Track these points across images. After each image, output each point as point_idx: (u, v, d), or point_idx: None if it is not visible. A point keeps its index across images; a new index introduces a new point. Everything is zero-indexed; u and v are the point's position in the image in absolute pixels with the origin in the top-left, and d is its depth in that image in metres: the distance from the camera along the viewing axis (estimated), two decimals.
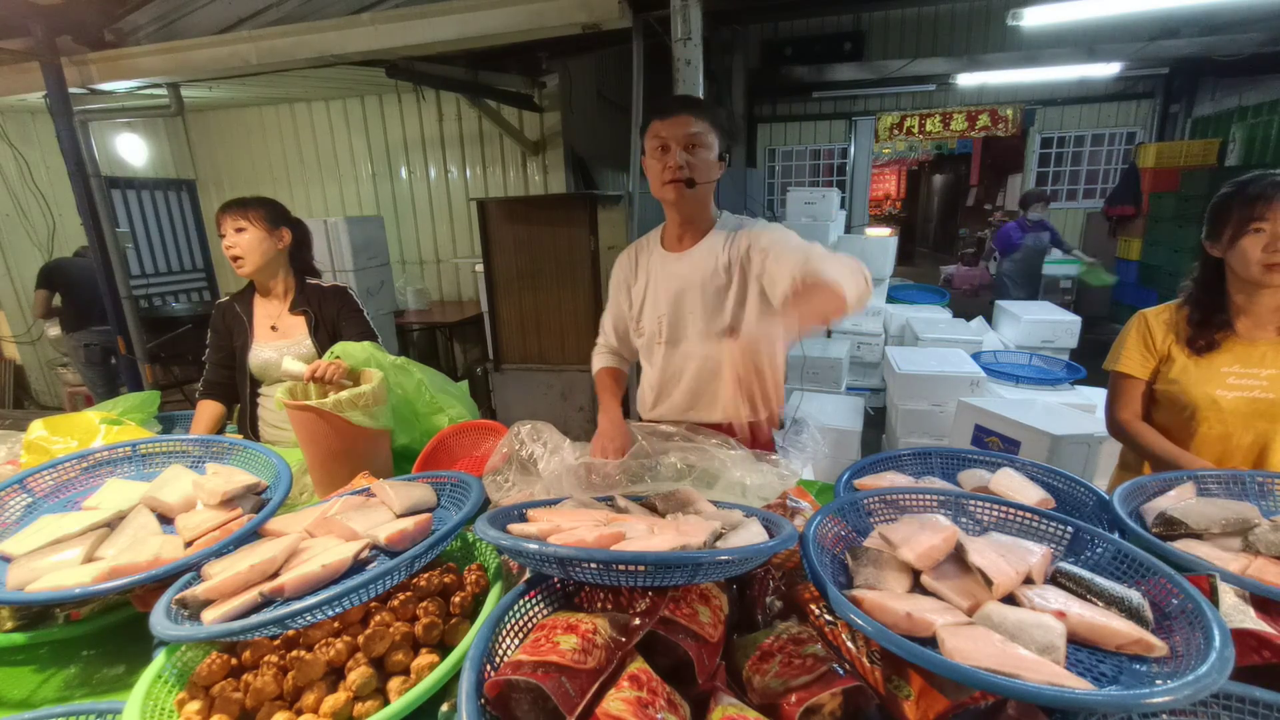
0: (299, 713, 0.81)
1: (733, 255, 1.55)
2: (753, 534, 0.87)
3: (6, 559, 1.04)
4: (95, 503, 1.20)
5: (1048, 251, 5.78)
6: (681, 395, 1.68)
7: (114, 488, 1.24)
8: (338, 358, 1.59)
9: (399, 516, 1.06)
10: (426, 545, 0.93)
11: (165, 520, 1.17)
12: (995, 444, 2.57)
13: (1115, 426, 1.62)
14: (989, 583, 0.78)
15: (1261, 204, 1.33)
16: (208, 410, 1.96)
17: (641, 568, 0.73)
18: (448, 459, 1.65)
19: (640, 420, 1.71)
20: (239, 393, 2.02)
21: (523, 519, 0.99)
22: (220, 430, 2.00)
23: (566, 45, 4.32)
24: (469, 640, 0.82)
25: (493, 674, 0.73)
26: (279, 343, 1.95)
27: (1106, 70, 5.85)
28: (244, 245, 1.87)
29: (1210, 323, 1.46)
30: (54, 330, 4.81)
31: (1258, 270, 1.35)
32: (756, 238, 1.51)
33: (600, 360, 1.84)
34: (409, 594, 0.98)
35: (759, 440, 1.59)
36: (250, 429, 2.04)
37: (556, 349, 3.96)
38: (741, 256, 1.53)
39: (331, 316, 1.98)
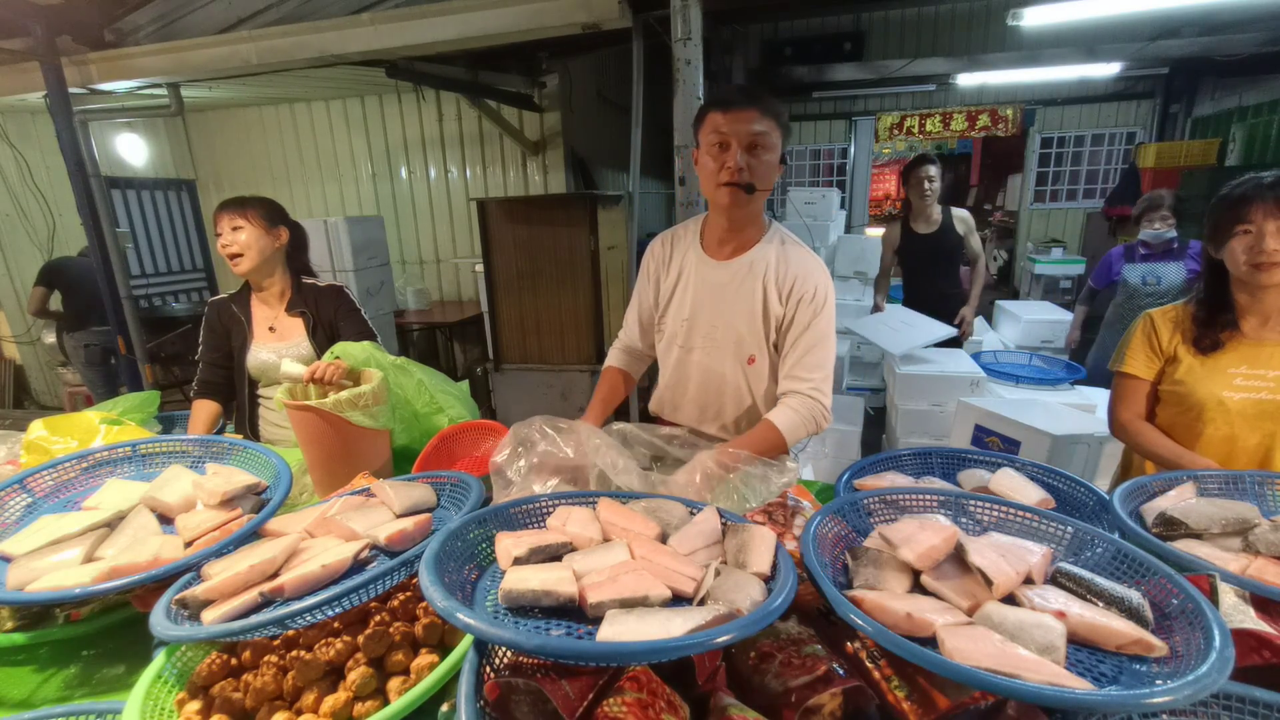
0: (299, 713, 0.81)
1: (778, 294, 1.48)
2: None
3: (6, 559, 1.04)
4: (95, 503, 1.20)
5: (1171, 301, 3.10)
6: (690, 405, 1.64)
7: (114, 488, 1.24)
8: (337, 358, 1.59)
9: (399, 516, 1.06)
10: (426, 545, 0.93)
11: (165, 520, 1.17)
12: (995, 444, 2.57)
13: (1117, 426, 1.61)
14: (989, 583, 0.78)
15: (1244, 205, 1.34)
16: (204, 410, 1.95)
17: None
18: (448, 459, 1.65)
19: (645, 421, 1.70)
20: (236, 392, 2.02)
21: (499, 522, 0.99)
22: (219, 430, 1.99)
23: (566, 45, 4.32)
24: (469, 640, 0.82)
25: (492, 676, 0.73)
26: (277, 344, 1.94)
27: (1106, 70, 5.84)
28: (241, 243, 1.87)
29: (1215, 322, 1.46)
30: (49, 338, 4.81)
31: (1245, 270, 1.37)
32: (802, 302, 1.46)
33: (612, 357, 1.75)
34: (409, 594, 0.98)
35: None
36: (250, 429, 2.03)
37: (556, 349, 3.96)
38: (783, 301, 1.47)
39: (329, 317, 1.97)
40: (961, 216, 3.63)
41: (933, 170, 3.50)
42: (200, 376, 2.00)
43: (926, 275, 3.79)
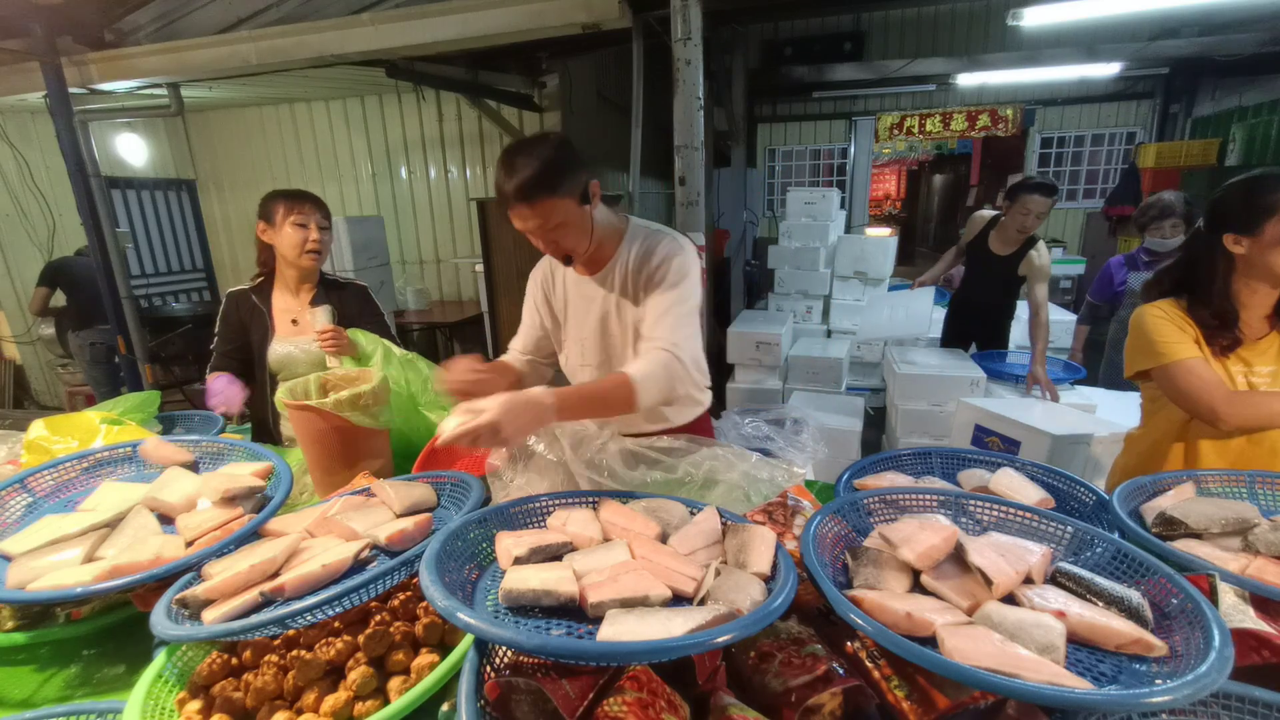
0: (299, 712, 0.81)
1: (641, 284, 1.49)
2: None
3: (7, 558, 1.04)
4: (92, 504, 1.20)
5: None
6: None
7: (108, 490, 1.24)
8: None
9: (399, 516, 1.06)
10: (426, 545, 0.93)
11: (166, 520, 1.17)
12: (995, 444, 2.57)
13: (1229, 410, 1.35)
14: (989, 582, 0.78)
15: None
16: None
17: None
18: (448, 459, 1.65)
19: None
20: (252, 383, 2.02)
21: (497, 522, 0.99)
22: (219, 430, 1.99)
23: (566, 45, 4.32)
24: (469, 640, 0.82)
25: (493, 675, 0.73)
26: (299, 339, 1.96)
27: (1106, 70, 5.84)
28: (326, 244, 1.94)
29: (1232, 322, 1.42)
30: (47, 329, 4.81)
31: None
32: (652, 279, 1.45)
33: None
34: (409, 594, 0.98)
35: (702, 431, 1.66)
36: (272, 424, 2.04)
37: None
38: (644, 288, 1.47)
39: (353, 315, 2.00)
40: (1034, 259, 3.11)
41: (1046, 206, 3.01)
42: (213, 364, 2.01)
43: (976, 286, 3.54)
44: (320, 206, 1.94)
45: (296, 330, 1.97)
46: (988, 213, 3.38)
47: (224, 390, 1.84)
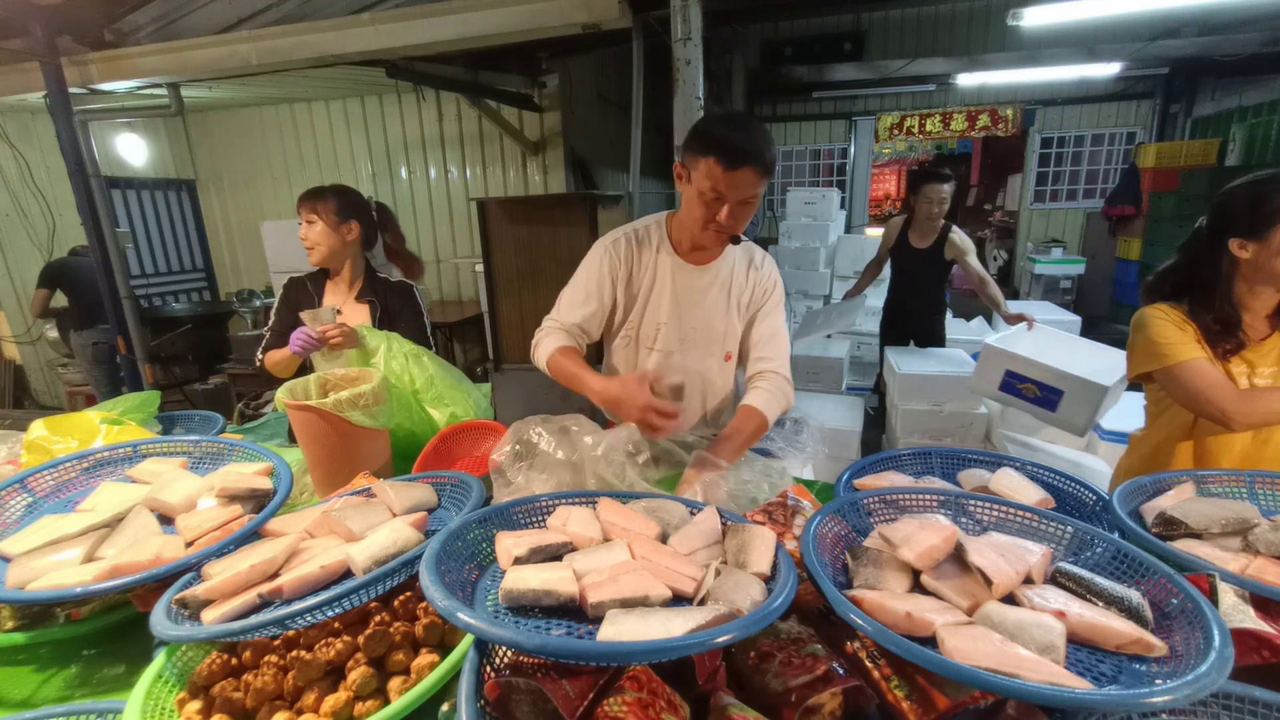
0: (299, 713, 0.81)
1: (749, 291, 1.61)
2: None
3: (6, 559, 1.04)
4: (91, 505, 1.20)
5: None
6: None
7: (108, 490, 1.24)
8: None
9: (398, 516, 1.06)
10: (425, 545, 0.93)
11: (166, 520, 1.17)
12: (1030, 390, 2.40)
13: (1238, 409, 1.34)
14: (989, 582, 0.78)
15: None
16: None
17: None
18: (448, 459, 1.65)
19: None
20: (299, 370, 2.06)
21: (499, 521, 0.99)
22: (219, 430, 1.99)
23: (566, 45, 4.33)
24: (469, 640, 0.82)
25: (493, 675, 0.73)
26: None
27: (1106, 70, 5.84)
28: (313, 237, 1.97)
29: (1235, 326, 1.41)
30: (52, 332, 4.82)
31: None
32: (768, 293, 1.61)
33: (553, 340, 1.53)
34: (409, 594, 0.98)
35: None
36: None
37: None
38: (752, 295, 1.61)
39: (395, 311, 2.06)
40: (955, 241, 3.43)
41: (946, 191, 3.35)
42: (265, 344, 2.09)
43: (906, 287, 3.77)
44: (311, 199, 1.96)
45: (339, 319, 2.00)
46: (898, 218, 3.67)
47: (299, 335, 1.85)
